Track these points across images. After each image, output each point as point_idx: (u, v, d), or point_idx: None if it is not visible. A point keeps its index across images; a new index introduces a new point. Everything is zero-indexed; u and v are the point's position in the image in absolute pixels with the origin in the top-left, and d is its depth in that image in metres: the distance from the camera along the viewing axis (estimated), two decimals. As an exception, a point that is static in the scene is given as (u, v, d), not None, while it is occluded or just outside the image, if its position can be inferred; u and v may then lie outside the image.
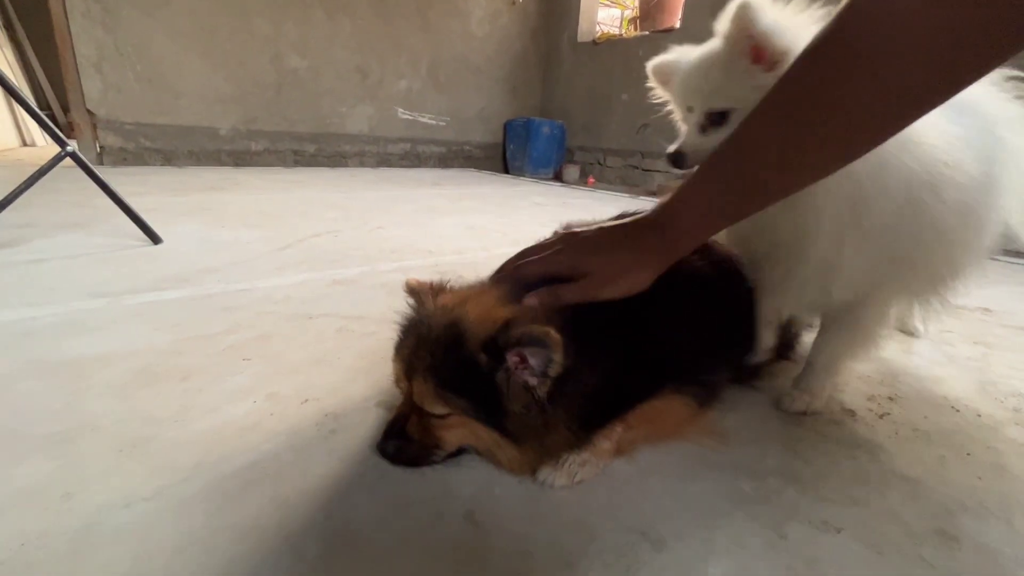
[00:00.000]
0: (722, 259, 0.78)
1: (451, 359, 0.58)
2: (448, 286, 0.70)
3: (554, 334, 0.54)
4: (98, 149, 3.26)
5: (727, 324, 0.76)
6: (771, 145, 0.52)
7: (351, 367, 0.86)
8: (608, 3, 5.26)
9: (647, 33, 4.42)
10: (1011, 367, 1.02)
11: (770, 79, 0.56)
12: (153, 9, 3.23)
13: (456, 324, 0.59)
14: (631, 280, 0.61)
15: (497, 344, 0.56)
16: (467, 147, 5.07)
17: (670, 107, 0.83)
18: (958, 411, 0.83)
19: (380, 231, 1.93)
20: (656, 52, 0.82)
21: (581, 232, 0.66)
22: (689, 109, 0.72)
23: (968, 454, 0.71)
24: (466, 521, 0.54)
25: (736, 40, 0.63)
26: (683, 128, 0.76)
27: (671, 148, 0.72)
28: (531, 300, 0.60)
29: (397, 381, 0.65)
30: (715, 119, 0.68)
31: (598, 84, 4.80)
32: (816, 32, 0.48)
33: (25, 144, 4.57)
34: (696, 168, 0.62)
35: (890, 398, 0.86)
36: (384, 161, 4.56)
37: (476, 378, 0.58)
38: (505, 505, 0.57)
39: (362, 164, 4.43)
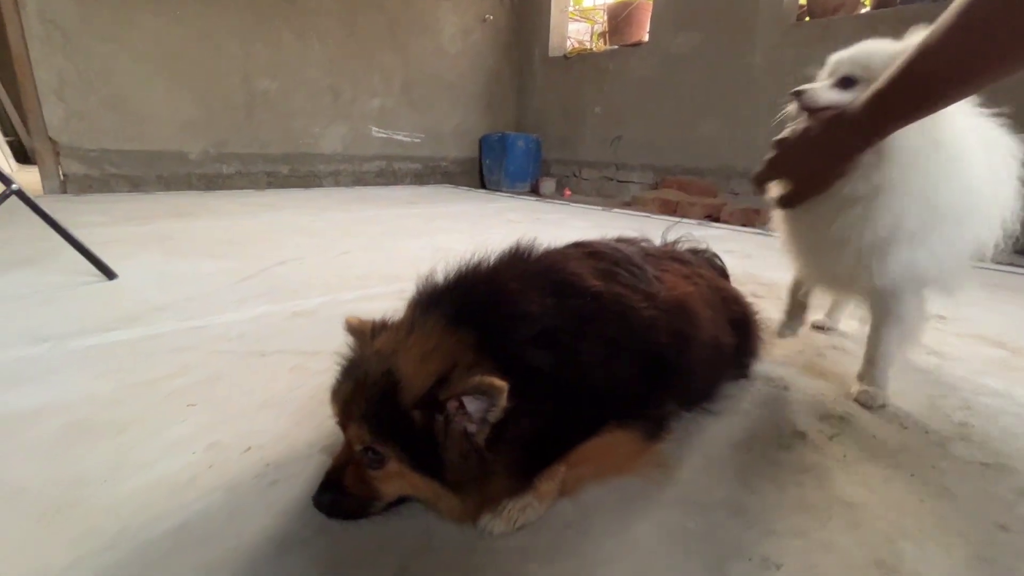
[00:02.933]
0: (671, 306, 0.77)
1: (386, 409, 0.57)
2: (387, 323, 0.69)
3: (499, 382, 0.53)
4: (61, 177, 3.19)
5: (676, 361, 0.76)
6: (956, 60, 0.64)
7: (300, 409, 0.84)
8: (578, 18, 5.33)
9: (616, 47, 4.49)
10: (961, 378, 1.04)
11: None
12: (116, 33, 3.19)
13: (391, 374, 0.58)
14: (832, 168, 0.79)
15: (433, 399, 0.55)
16: (443, 163, 5.07)
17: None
18: (906, 428, 0.84)
19: (346, 256, 1.91)
20: (626, 65, 0.88)
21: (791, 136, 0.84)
22: (831, 74, 0.86)
23: (912, 475, 0.72)
24: (400, 577, 0.53)
25: None
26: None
27: (800, 87, 0.86)
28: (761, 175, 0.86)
29: (336, 420, 0.63)
30: (846, 83, 0.83)
31: (571, 98, 4.85)
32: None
33: (-12, 173, 4.45)
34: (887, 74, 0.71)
35: (842, 417, 0.87)
36: (360, 180, 4.54)
37: (411, 429, 0.56)
38: (442, 558, 0.55)
39: (337, 183, 4.40)
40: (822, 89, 0.84)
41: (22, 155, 5.16)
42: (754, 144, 3.45)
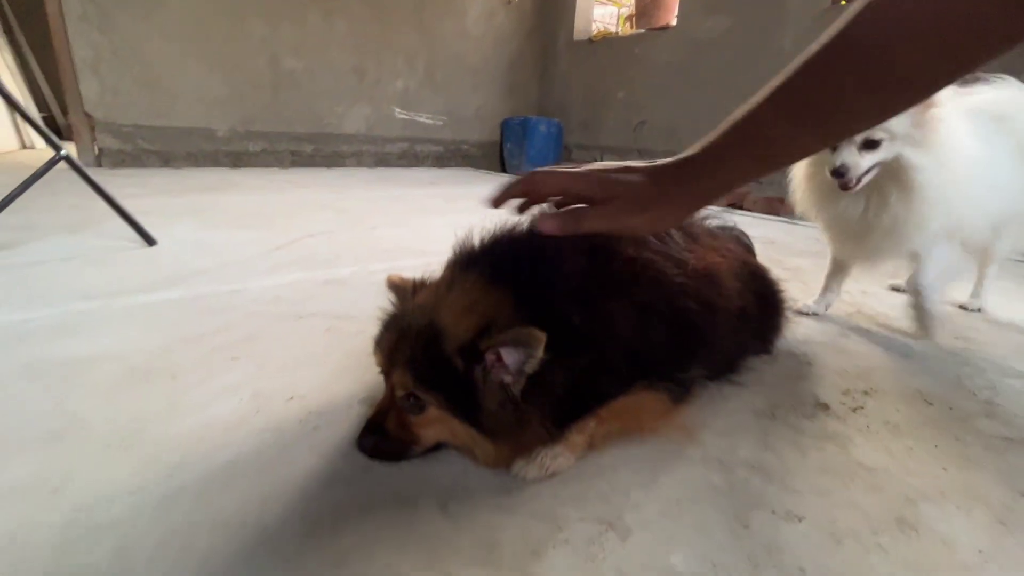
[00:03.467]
0: (700, 275, 0.79)
1: (428, 357, 0.60)
2: (427, 281, 0.72)
3: (538, 332, 0.56)
4: (96, 151, 3.28)
5: (704, 328, 0.78)
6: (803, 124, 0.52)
7: (337, 366, 0.88)
8: (604, 1, 5.26)
9: (643, 31, 4.42)
10: (989, 361, 1.03)
11: (921, 130, 0.93)
12: (149, 12, 3.25)
13: (433, 325, 0.61)
14: (660, 214, 0.57)
15: (475, 347, 0.58)
16: (464, 146, 5.08)
17: None
18: (931, 404, 0.85)
19: (374, 231, 1.95)
20: (652, 50, 0.88)
21: (609, 164, 0.60)
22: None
23: (936, 446, 0.73)
24: (440, 513, 0.56)
25: None
26: (828, 154, 0.98)
27: (835, 162, 0.94)
28: (549, 226, 0.55)
29: (380, 368, 0.67)
30: (870, 144, 0.94)
31: (595, 82, 4.80)
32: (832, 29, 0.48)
33: (24, 147, 4.59)
34: (732, 119, 0.59)
35: (865, 392, 0.88)
36: (382, 161, 4.57)
37: (452, 376, 0.60)
38: (478, 497, 0.59)
39: (359, 164, 4.44)
40: (853, 156, 0.93)
41: (55, 131, 5.30)
42: (781, 131, 3.38)
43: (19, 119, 4.49)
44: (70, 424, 0.67)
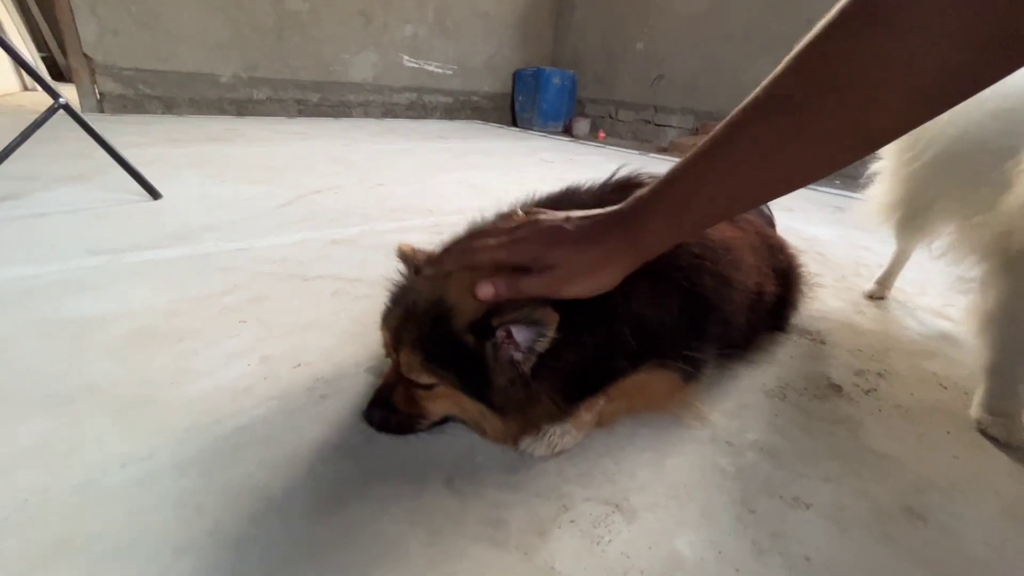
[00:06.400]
0: (716, 249, 0.76)
1: (437, 335, 0.59)
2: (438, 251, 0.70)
3: (551, 311, 0.54)
4: (97, 96, 3.20)
5: (718, 305, 0.75)
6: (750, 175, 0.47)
7: (344, 331, 0.87)
8: (627, -59, 4.92)
9: (666, -24, 4.15)
10: (1007, 344, 1.01)
11: None
12: (146, -55, 3.08)
13: (442, 301, 0.60)
14: (598, 278, 0.56)
15: (486, 325, 0.56)
16: (474, 97, 4.91)
17: None
18: (945, 388, 0.84)
19: (381, 188, 1.90)
20: None
21: (544, 219, 0.59)
22: None
23: (948, 432, 0.72)
24: (446, 488, 0.56)
25: None
26: None
27: None
28: (486, 291, 0.56)
29: (385, 348, 0.66)
30: None
31: (612, 33, 4.57)
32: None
33: (26, 88, 4.49)
34: (670, 169, 0.55)
35: (879, 374, 0.87)
36: (389, 112, 4.44)
37: (462, 353, 0.58)
38: (484, 473, 0.59)
39: (367, 115, 4.32)
40: None
41: (56, 73, 5.17)
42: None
43: (18, 59, 4.37)
44: (80, 387, 0.68)
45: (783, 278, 0.94)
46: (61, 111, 1.35)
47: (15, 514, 0.49)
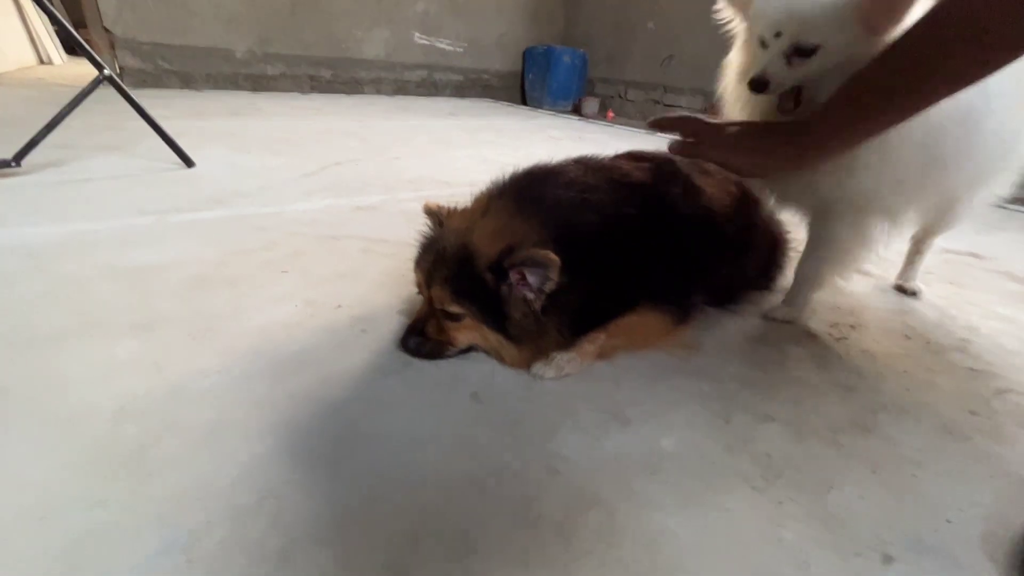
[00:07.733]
0: (708, 208, 0.86)
1: (463, 273, 0.70)
2: (459, 209, 0.80)
3: (553, 256, 0.65)
4: (118, 70, 3.27)
5: (704, 257, 0.86)
6: (894, 91, 0.62)
7: (375, 281, 0.98)
8: (639, -83, 4.87)
9: (678, -46, 4.14)
10: (975, 304, 1.11)
11: (868, 41, 0.67)
12: (163, -81, 3.12)
13: (466, 247, 0.70)
14: (759, 160, 0.76)
15: (502, 265, 0.67)
16: (485, 75, 4.94)
17: (732, 27, 0.92)
18: (909, 338, 0.94)
19: (398, 161, 2.00)
20: None
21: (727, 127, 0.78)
22: (776, 35, 0.73)
23: (905, 371, 0.83)
24: (472, 399, 0.68)
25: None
26: (758, 53, 0.77)
27: (753, 73, 0.74)
28: (675, 148, 0.78)
29: (418, 287, 0.77)
30: (804, 52, 0.71)
31: (623, 11, 4.57)
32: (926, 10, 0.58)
33: (42, 62, 4.57)
34: (839, 88, 0.66)
35: (852, 326, 0.97)
36: (400, 89, 4.49)
37: (484, 290, 0.69)
38: (503, 389, 0.70)
39: (378, 91, 4.37)
40: (778, 66, 0.73)
41: (67, 46, 5.22)
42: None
43: (35, 33, 4.44)
44: (155, 319, 0.79)
45: (770, 241, 1.04)
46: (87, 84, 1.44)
47: (130, 404, 0.60)
